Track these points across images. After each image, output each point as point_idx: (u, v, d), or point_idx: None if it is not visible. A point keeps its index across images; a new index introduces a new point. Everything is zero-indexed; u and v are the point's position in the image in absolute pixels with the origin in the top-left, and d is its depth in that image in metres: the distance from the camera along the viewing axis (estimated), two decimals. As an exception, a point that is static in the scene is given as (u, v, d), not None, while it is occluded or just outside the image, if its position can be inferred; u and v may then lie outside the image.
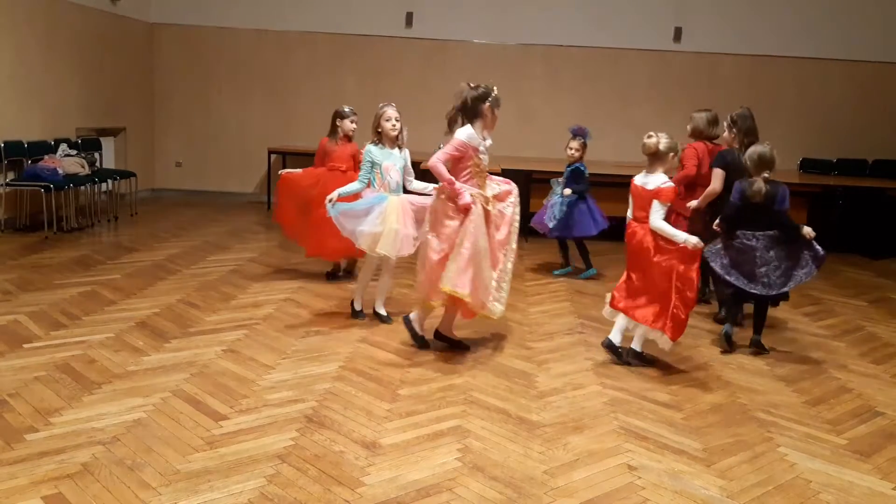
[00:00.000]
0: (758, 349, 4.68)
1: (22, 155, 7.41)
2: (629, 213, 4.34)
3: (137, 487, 2.73)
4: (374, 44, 9.99)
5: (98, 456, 2.94)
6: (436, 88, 9.90)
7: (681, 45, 9.85)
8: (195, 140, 10.32)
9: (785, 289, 4.51)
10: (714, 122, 5.58)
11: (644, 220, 4.16)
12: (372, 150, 4.63)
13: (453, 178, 4.12)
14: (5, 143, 7.20)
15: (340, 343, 4.49)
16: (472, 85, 4.16)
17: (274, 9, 9.97)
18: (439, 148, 4.28)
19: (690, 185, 5.57)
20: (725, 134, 5.29)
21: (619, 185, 8.02)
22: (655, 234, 4.11)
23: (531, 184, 7.81)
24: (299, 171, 5.87)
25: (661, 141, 4.13)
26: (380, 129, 4.64)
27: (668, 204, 4.13)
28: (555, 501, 2.80)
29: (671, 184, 4.15)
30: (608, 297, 4.40)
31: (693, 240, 4.01)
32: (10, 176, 7.32)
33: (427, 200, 4.49)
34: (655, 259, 4.11)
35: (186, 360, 4.07)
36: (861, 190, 8.51)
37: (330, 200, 4.40)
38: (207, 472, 2.86)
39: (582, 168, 6.42)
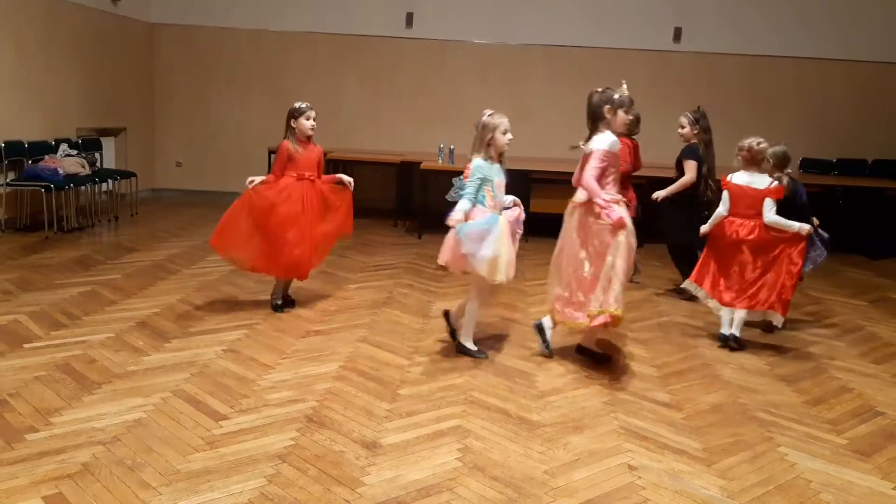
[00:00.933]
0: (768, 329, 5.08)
1: (22, 155, 7.42)
2: (723, 211, 4.65)
3: (137, 487, 2.73)
4: (374, 44, 9.99)
5: (98, 456, 2.94)
6: (436, 88, 9.93)
7: (681, 45, 9.85)
8: (195, 140, 10.32)
9: (805, 269, 4.91)
10: (638, 121, 5.93)
11: (752, 216, 4.56)
12: (482, 166, 4.06)
13: (607, 201, 3.97)
14: (5, 143, 7.21)
15: (340, 343, 4.49)
16: (599, 90, 4.06)
17: (274, 9, 9.97)
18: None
19: (623, 179, 5.97)
20: (687, 130, 5.69)
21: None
22: (767, 226, 4.52)
23: (531, 183, 7.81)
24: (263, 178, 4.91)
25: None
26: (490, 142, 4.08)
27: (777, 200, 4.54)
28: (555, 501, 2.81)
29: (777, 182, 4.60)
30: (693, 289, 4.78)
31: (806, 227, 4.48)
32: (11, 176, 7.32)
33: (515, 212, 4.28)
34: (770, 247, 4.52)
35: (186, 359, 4.07)
36: (861, 190, 8.51)
37: (457, 222, 3.92)
38: (207, 472, 2.86)
39: None
